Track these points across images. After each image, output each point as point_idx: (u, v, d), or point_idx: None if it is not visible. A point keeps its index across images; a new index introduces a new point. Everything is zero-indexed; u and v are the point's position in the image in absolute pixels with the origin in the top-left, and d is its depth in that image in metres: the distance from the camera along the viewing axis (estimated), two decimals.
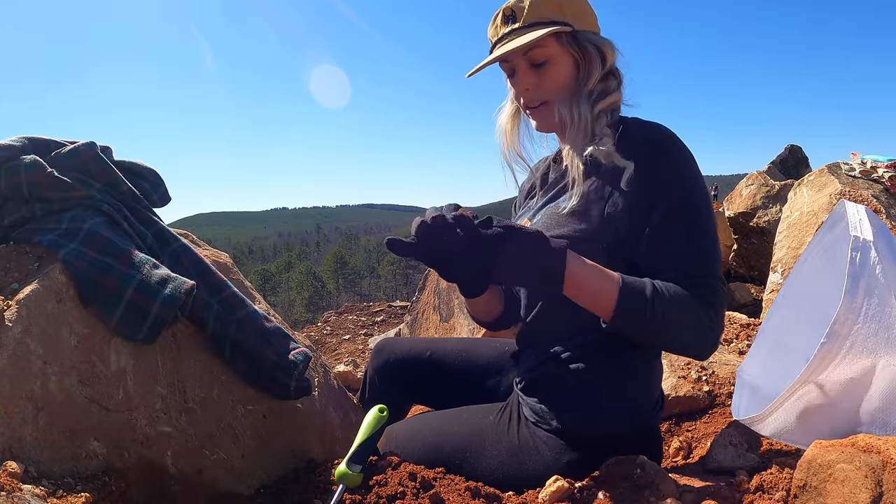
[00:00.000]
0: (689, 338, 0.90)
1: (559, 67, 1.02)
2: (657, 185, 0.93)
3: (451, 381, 1.32)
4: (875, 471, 0.65)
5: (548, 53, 1.01)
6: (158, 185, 1.19)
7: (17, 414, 0.75)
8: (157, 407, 0.93)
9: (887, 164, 2.77)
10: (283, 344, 1.16)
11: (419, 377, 1.34)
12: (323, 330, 3.62)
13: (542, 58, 1.01)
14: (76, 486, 0.76)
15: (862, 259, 0.85)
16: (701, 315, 0.88)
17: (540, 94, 1.04)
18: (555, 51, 1.01)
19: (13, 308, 0.81)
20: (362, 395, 1.46)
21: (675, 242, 0.92)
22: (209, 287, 1.10)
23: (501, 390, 1.27)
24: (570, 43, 1.01)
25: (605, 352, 1.00)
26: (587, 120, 1.00)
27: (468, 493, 0.90)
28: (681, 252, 0.91)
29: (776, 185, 4.29)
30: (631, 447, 0.96)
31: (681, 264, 0.91)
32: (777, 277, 2.88)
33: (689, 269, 0.91)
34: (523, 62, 1.03)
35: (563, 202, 1.02)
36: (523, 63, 1.03)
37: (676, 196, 0.92)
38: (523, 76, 1.04)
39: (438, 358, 1.34)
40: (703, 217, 0.93)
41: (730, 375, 1.44)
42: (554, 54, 1.01)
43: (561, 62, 1.02)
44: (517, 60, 1.03)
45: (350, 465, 0.93)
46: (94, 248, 0.94)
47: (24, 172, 0.96)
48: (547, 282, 0.85)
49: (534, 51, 1.00)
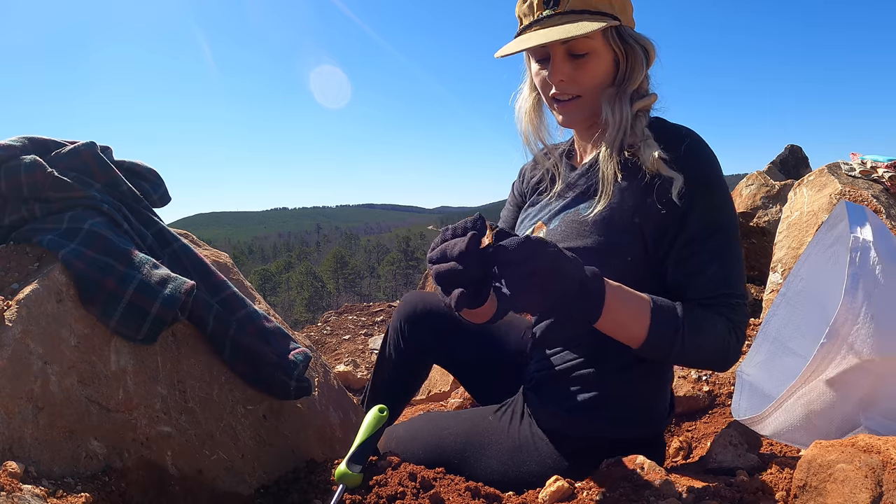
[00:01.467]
0: (714, 359, 0.90)
1: (600, 62, 0.95)
2: (694, 200, 0.89)
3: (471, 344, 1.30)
4: (875, 471, 0.65)
5: (591, 46, 0.94)
6: (158, 185, 1.19)
7: (17, 414, 0.75)
8: (157, 407, 0.93)
9: (887, 164, 2.77)
10: (283, 344, 1.16)
11: (444, 331, 1.31)
12: (323, 330, 3.62)
13: (584, 50, 0.94)
14: (76, 486, 0.76)
15: (862, 259, 0.85)
16: (728, 337, 0.88)
17: (574, 88, 0.97)
18: (598, 44, 0.94)
19: (13, 308, 0.81)
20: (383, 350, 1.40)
21: (708, 262, 0.89)
22: (209, 287, 1.10)
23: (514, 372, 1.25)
24: (613, 38, 0.95)
25: (617, 357, 0.98)
26: (629, 121, 0.95)
27: (468, 493, 0.90)
28: (713, 273, 0.89)
29: (776, 185, 4.29)
30: (635, 451, 0.96)
31: (712, 285, 0.89)
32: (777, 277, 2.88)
33: (721, 289, 0.89)
34: (561, 50, 0.95)
35: (586, 208, 0.97)
36: (561, 51, 0.95)
37: (712, 213, 0.90)
38: (560, 65, 0.95)
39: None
40: (733, 234, 0.91)
41: (730, 375, 1.44)
42: (597, 47, 0.94)
43: (602, 56, 0.95)
44: (555, 47, 0.95)
45: (350, 465, 0.93)
46: (94, 248, 0.94)
47: (24, 172, 0.96)
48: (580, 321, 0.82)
49: (577, 41, 0.93)
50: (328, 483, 0.98)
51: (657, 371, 1.02)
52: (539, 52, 0.98)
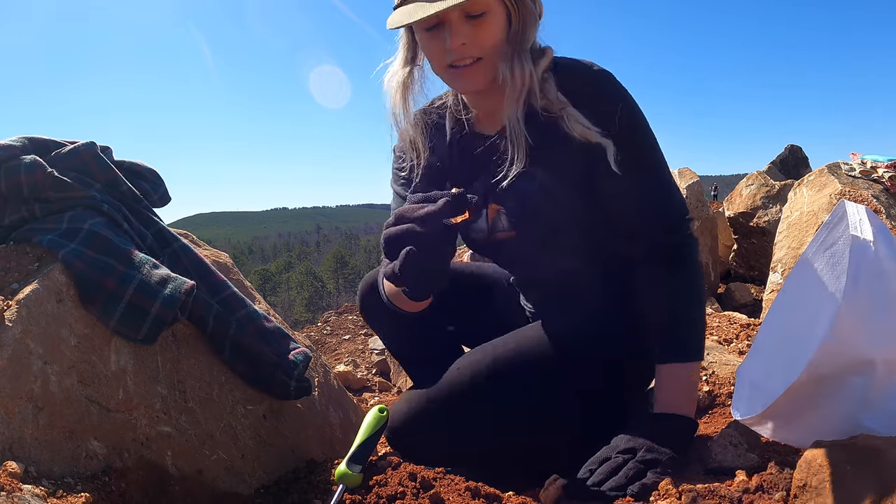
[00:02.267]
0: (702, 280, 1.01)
1: (496, 19, 0.90)
2: (629, 150, 0.91)
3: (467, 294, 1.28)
4: (875, 471, 0.65)
5: (486, 4, 0.88)
6: (158, 185, 1.19)
7: (17, 414, 0.75)
8: (157, 407, 0.93)
9: (887, 164, 2.77)
10: (283, 344, 1.16)
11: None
12: (323, 330, 3.62)
13: (481, 9, 0.88)
14: (76, 486, 0.76)
15: (862, 259, 0.85)
16: (699, 274, 0.99)
17: (476, 50, 0.90)
18: (493, 1, 0.89)
19: (13, 308, 0.81)
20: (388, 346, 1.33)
21: (645, 190, 0.95)
22: (209, 287, 1.10)
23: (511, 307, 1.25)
24: None
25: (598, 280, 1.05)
26: (536, 81, 0.91)
27: (468, 493, 0.90)
28: (653, 199, 0.96)
29: (776, 185, 4.29)
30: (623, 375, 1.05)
31: (656, 213, 0.96)
32: (777, 277, 2.88)
33: (665, 219, 0.97)
34: (457, 13, 0.88)
35: (527, 180, 0.95)
36: (457, 14, 0.88)
37: (642, 151, 0.95)
38: (459, 28, 0.88)
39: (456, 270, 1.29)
40: (662, 158, 0.97)
41: (730, 375, 1.44)
42: (491, 5, 0.89)
43: (497, 13, 0.90)
44: (450, 12, 0.87)
45: (350, 465, 0.93)
46: (94, 248, 0.94)
47: (24, 172, 0.96)
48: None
49: (473, 1, 0.86)
50: (328, 483, 0.98)
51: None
52: (429, 20, 0.88)
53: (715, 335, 1.80)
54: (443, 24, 0.90)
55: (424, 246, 0.72)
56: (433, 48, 0.93)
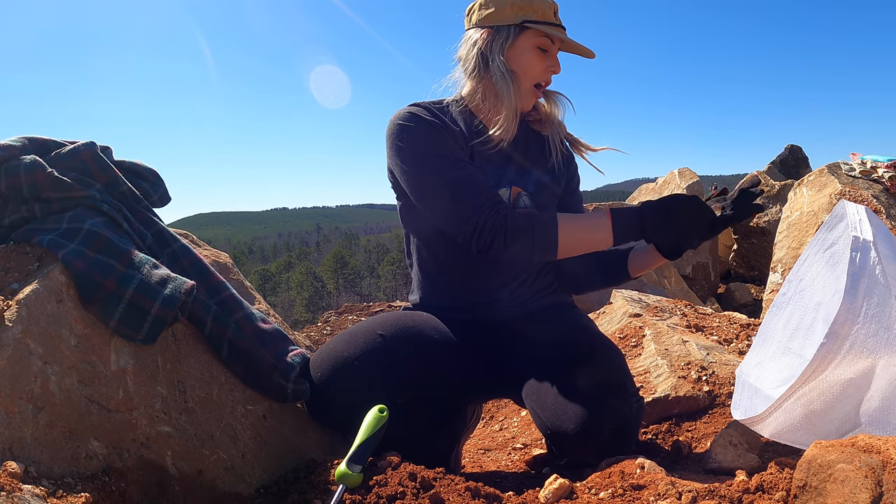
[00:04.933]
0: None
1: None
2: (574, 167, 1.42)
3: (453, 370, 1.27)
4: (875, 471, 0.65)
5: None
6: (158, 186, 1.19)
7: (17, 414, 0.75)
8: (157, 407, 0.93)
9: (887, 164, 2.77)
10: (281, 346, 1.16)
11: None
12: (323, 330, 3.61)
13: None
14: (76, 486, 0.76)
15: (862, 259, 0.85)
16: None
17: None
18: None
19: (13, 308, 0.81)
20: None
21: (579, 197, 1.45)
22: (208, 288, 1.10)
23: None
24: None
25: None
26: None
27: (468, 494, 0.90)
28: (580, 201, 1.45)
29: (776, 185, 4.29)
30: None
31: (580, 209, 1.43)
32: (777, 277, 2.88)
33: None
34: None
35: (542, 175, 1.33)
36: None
37: (577, 174, 1.45)
38: (557, 64, 1.26)
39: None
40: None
41: (730, 375, 1.44)
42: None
43: None
44: (556, 48, 1.26)
45: (350, 465, 0.93)
46: (94, 248, 0.94)
47: (24, 172, 0.96)
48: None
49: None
50: (328, 483, 0.98)
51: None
52: (551, 48, 1.24)
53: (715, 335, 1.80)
54: (549, 52, 1.24)
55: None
56: (540, 66, 1.24)
